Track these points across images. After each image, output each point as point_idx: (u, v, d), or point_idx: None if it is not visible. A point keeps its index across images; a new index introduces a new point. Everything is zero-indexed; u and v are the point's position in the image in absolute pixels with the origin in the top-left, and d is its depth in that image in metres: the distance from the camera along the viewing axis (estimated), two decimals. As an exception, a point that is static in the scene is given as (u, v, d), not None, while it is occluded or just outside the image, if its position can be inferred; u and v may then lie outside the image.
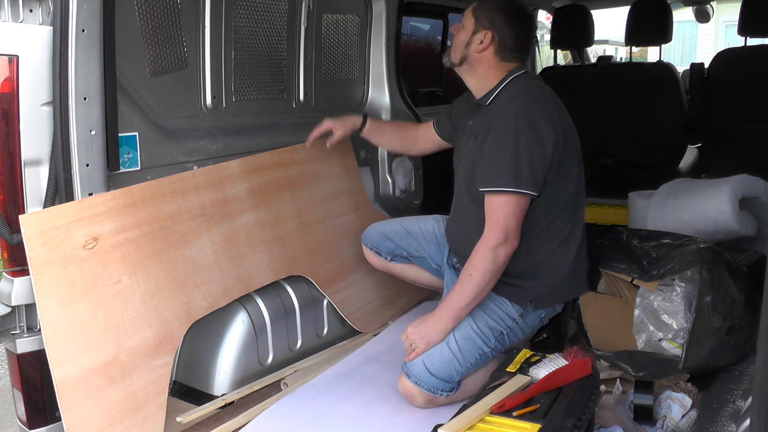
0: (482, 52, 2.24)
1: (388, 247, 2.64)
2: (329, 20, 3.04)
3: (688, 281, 2.29)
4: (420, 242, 2.61)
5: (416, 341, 2.22)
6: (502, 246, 2.13)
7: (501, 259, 2.15)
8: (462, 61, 2.28)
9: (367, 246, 2.70)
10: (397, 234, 2.63)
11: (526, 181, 2.12)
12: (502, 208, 2.14)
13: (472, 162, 2.28)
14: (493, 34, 2.22)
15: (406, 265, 2.67)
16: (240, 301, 2.40)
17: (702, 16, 5.03)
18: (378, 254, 2.67)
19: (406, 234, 2.63)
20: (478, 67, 2.27)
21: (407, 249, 2.62)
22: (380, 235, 2.66)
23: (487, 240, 2.15)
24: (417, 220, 2.70)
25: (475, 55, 2.25)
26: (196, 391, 2.35)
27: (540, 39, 5.11)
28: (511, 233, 2.14)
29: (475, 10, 2.26)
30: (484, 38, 2.22)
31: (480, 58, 2.25)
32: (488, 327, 2.25)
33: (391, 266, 2.68)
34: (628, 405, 2.12)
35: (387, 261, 2.66)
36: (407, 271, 2.69)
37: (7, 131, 1.83)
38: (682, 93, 4.05)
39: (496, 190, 2.14)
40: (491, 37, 2.22)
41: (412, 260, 2.64)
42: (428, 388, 2.20)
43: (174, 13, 2.31)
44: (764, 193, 2.83)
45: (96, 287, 1.93)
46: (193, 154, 2.40)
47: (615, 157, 4.12)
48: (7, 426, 3.23)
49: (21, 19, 1.81)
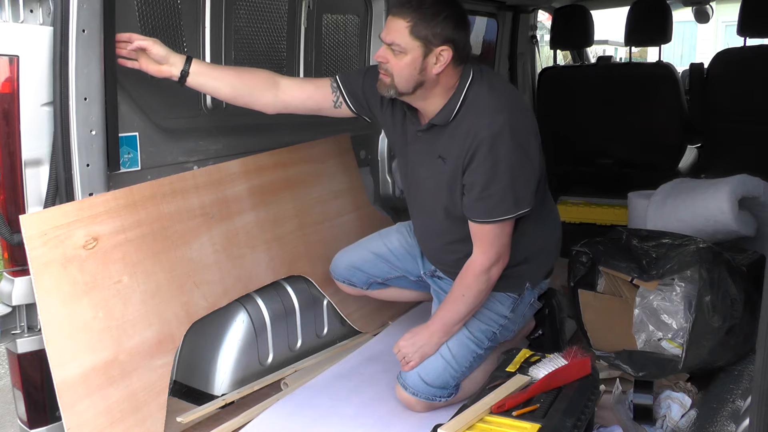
0: (443, 69, 2.01)
1: (361, 279, 2.54)
2: (329, 20, 3.03)
3: (687, 281, 2.29)
4: (392, 263, 2.51)
5: (409, 354, 2.20)
6: (495, 265, 2.13)
7: (494, 278, 2.15)
8: (415, 89, 2.03)
9: (338, 280, 2.59)
10: (366, 262, 2.51)
11: (524, 199, 2.09)
12: (495, 231, 2.10)
13: (447, 188, 2.14)
14: (450, 46, 1.98)
15: (383, 290, 2.60)
16: (240, 301, 2.40)
17: (701, 17, 5.03)
18: (352, 286, 2.58)
19: (375, 259, 2.51)
20: (436, 86, 2.05)
21: (380, 275, 2.52)
22: (349, 268, 2.54)
23: (480, 263, 2.12)
24: (381, 238, 2.55)
25: (432, 76, 2.01)
26: (196, 391, 2.35)
27: (540, 39, 5.10)
28: (503, 251, 2.14)
29: (414, 32, 1.95)
30: (440, 55, 1.98)
31: (438, 78, 2.02)
32: (480, 331, 2.25)
33: (368, 293, 2.61)
34: (627, 405, 2.13)
35: (363, 290, 2.59)
36: (386, 294, 2.62)
37: (8, 131, 1.83)
38: (681, 93, 4.05)
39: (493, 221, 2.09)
40: (450, 52, 1.99)
41: (388, 283, 2.57)
42: (426, 397, 2.20)
43: (174, 13, 2.31)
44: (764, 193, 2.83)
45: (96, 287, 1.93)
46: (193, 154, 2.40)
47: (615, 157, 4.12)
48: (7, 426, 3.23)
49: (21, 19, 1.81)
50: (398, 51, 1.98)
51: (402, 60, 1.99)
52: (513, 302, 2.30)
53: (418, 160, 2.22)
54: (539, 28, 4.99)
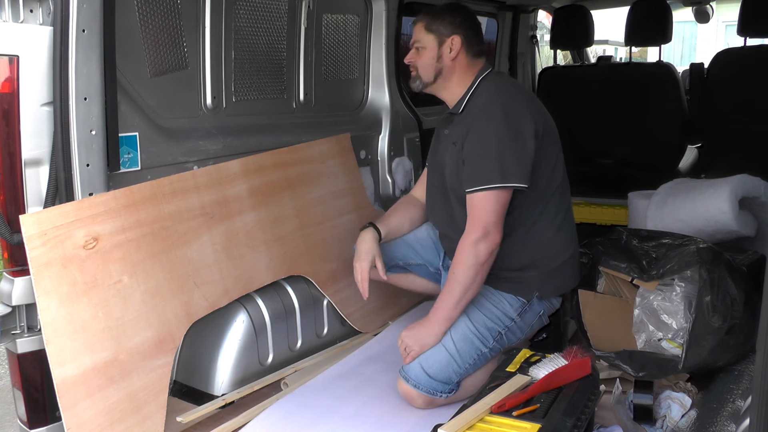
0: (455, 57, 2.31)
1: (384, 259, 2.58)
2: (329, 20, 3.04)
3: (687, 281, 2.29)
4: (416, 249, 2.59)
5: (410, 345, 2.22)
6: (482, 241, 2.14)
7: (482, 255, 2.15)
8: (436, 77, 2.34)
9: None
10: (393, 244, 2.60)
11: (512, 173, 2.15)
12: (483, 204, 2.16)
13: (456, 169, 2.29)
14: (459, 36, 2.30)
15: (402, 275, 2.65)
16: (240, 301, 2.40)
17: (702, 17, 5.03)
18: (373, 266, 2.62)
19: (401, 242, 2.60)
20: (452, 75, 2.34)
21: (403, 258, 2.60)
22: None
23: (467, 236, 2.17)
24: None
25: (449, 63, 2.32)
26: (196, 391, 2.35)
27: (540, 39, 5.11)
28: (491, 228, 2.15)
29: (428, 28, 2.33)
30: (452, 44, 2.30)
31: (454, 65, 2.32)
32: (486, 327, 2.25)
33: (388, 277, 2.59)
34: (627, 405, 2.13)
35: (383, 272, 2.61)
36: (403, 280, 2.67)
37: (8, 131, 1.83)
38: (681, 93, 4.05)
39: (481, 189, 2.16)
40: (460, 40, 2.30)
41: (408, 269, 2.62)
42: (427, 390, 2.20)
43: (174, 13, 2.31)
44: (764, 193, 2.83)
45: (96, 287, 1.93)
46: (193, 154, 2.40)
47: (615, 157, 4.12)
48: (7, 426, 3.23)
49: (21, 19, 1.81)
50: (420, 47, 2.34)
51: (423, 54, 2.34)
52: (521, 306, 2.31)
53: (441, 149, 2.44)
54: (539, 28, 4.99)
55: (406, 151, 3.43)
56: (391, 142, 3.35)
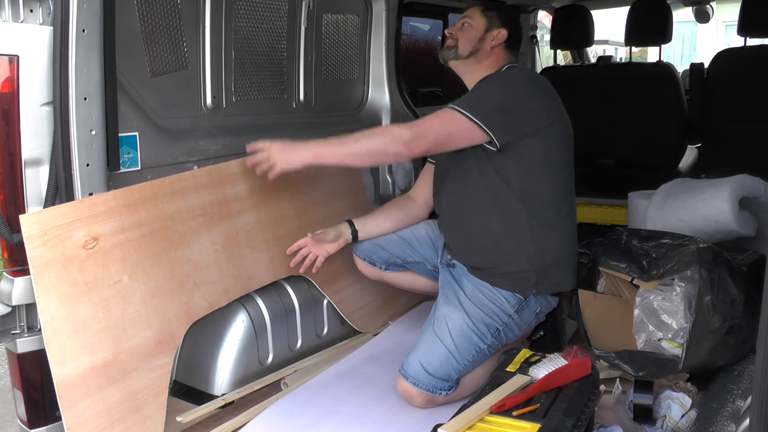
0: (496, 47, 2.41)
1: (382, 257, 2.62)
2: (329, 20, 3.04)
3: (688, 281, 2.29)
4: (414, 247, 2.60)
5: (274, 156, 2.22)
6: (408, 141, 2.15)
7: (393, 149, 2.16)
8: (471, 54, 2.41)
9: (359, 257, 2.66)
10: (390, 242, 2.61)
11: (485, 118, 2.17)
12: (439, 113, 2.21)
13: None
14: (507, 30, 2.42)
15: (400, 273, 2.66)
16: (240, 301, 2.40)
17: (702, 17, 5.03)
18: (372, 264, 2.64)
19: (399, 240, 2.61)
20: (485, 60, 2.41)
21: (402, 256, 2.61)
22: (373, 245, 2.62)
23: (404, 126, 2.20)
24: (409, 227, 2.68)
25: (488, 49, 2.41)
26: (196, 391, 2.35)
27: (540, 39, 5.11)
28: (426, 133, 2.18)
29: (484, 13, 2.45)
30: (498, 35, 2.40)
31: (491, 52, 2.41)
32: (483, 323, 2.26)
33: (385, 275, 2.66)
34: (627, 405, 2.13)
35: (381, 270, 2.64)
36: (402, 278, 2.69)
37: (8, 131, 1.83)
38: (681, 93, 4.05)
39: (451, 107, 2.20)
40: (506, 35, 2.41)
41: (407, 267, 2.63)
42: (427, 388, 2.20)
43: (174, 13, 2.31)
44: (764, 193, 2.83)
45: (96, 287, 1.93)
46: (193, 154, 2.40)
47: (615, 157, 4.12)
48: (7, 426, 3.23)
49: (21, 19, 1.81)
50: (468, 24, 2.44)
51: (468, 31, 2.43)
52: (518, 303, 2.31)
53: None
54: (539, 28, 4.99)
55: (406, 151, 3.43)
56: None
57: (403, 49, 3.57)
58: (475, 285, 2.34)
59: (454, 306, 2.30)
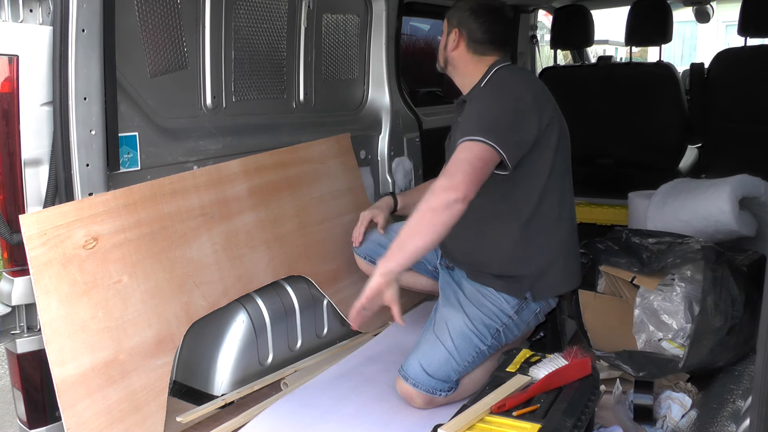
0: (455, 50, 2.34)
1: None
2: (329, 20, 3.04)
3: (688, 281, 2.29)
4: None
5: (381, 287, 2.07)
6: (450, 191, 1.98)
7: (441, 202, 1.98)
8: (446, 64, 2.39)
9: (360, 256, 2.66)
10: (391, 241, 2.56)
11: (494, 135, 2.06)
12: (460, 153, 2.05)
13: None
14: (460, 31, 2.32)
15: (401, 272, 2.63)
16: (240, 301, 2.40)
17: (702, 17, 5.03)
18: (372, 263, 2.57)
19: None
20: (458, 65, 2.36)
21: None
22: (374, 244, 2.61)
23: (437, 181, 2.04)
24: None
25: (451, 54, 2.35)
26: (196, 391, 2.35)
27: (540, 39, 5.11)
28: (462, 180, 1.99)
29: (448, 15, 2.38)
30: (454, 37, 2.33)
31: (455, 57, 2.35)
32: (483, 324, 2.26)
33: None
34: (628, 405, 2.12)
35: None
36: (403, 277, 2.62)
37: (7, 131, 1.83)
38: (682, 93, 4.05)
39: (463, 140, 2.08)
40: (458, 34, 2.32)
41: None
42: (426, 389, 2.20)
43: (174, 13, 2.31)
44: (764, 193, 2.83)
45: (96, 287, 1.93)
46: (193, 154, 2.40)
47: (615, 157, 4.12)
48: (7, 426, 3.23)
49: (21, 19, 1.81)
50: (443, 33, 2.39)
51: (441, 41, 2.40)
52: (518, 304, 2.31)
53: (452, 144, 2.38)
54: (539, 28, 4.99)
55: (406, 151, 3.43)
56: (391, 142, 3.35)
57: (403, 49, 3.57)
58: (474, 286, 2.34)
59: (454, 307, 2.30)
